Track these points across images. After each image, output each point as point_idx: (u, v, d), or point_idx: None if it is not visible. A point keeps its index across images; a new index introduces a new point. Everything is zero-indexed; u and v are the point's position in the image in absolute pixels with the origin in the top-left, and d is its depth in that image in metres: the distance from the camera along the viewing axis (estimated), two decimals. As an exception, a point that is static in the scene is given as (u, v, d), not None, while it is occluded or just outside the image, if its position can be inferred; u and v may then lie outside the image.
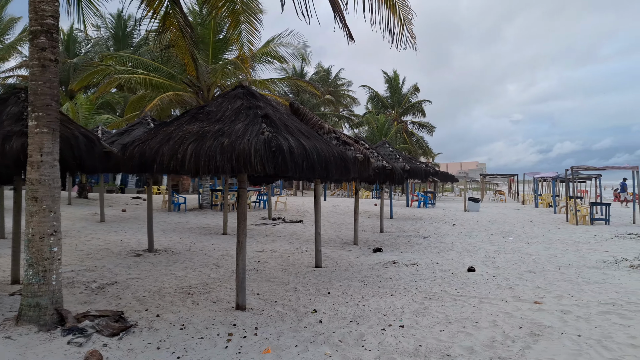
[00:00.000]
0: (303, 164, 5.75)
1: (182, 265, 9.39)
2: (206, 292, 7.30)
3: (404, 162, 14.76)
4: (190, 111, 6.47)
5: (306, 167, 5.82)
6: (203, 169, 5.55)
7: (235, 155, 5.39)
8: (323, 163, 6.18)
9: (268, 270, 9.03)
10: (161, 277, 8.30)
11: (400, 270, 9.08)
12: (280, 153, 5.38)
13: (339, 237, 14.00)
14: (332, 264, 9.79)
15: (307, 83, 22.25)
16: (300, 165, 5.70)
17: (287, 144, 5.50)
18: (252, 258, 10.31)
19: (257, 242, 12.60)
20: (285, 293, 7.30)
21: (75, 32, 30.38)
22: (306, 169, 5.82)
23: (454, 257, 10.61)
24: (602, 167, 17.90)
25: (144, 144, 5.97)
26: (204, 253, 10.83)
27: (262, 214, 18.97)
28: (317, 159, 6.03)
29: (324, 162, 6.20)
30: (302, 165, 5.73)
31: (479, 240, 13.29)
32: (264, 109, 6.02)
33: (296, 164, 5.60)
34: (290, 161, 5.49)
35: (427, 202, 26.33)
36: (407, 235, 14.55)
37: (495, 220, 19.41)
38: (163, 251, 10.92)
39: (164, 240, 12.46)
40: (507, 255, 10.67)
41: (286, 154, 5.42)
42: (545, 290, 7.37)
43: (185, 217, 17.17)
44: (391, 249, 11.96)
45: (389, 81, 45.58)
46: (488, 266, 9.43)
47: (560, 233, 14.77)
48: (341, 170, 6.76)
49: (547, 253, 10.95)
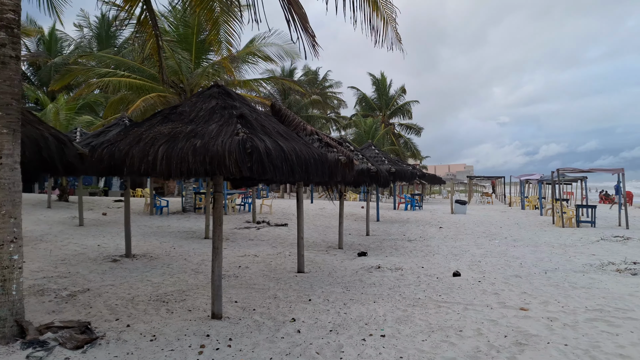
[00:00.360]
0: (282, 166, 5.52)
1: (160, 271, 9.09)
2: (182, 300, 7.02)
3: (389, 165, 14.56)
4: (162, 111, 6.20)
5: (285, 170, 5.58)
6: (175, 172, 5.29)
7: (208, 157, 5.14)
8: (303, 165, 5.95)
9: (248, 276, 8.76)
10: (136, 284, 8.00)
11: (385, 275, 8.87)
12: (257, 155, 5.13)
13: (324, 241, 13.76)
14: (315, 269, 9.55)
15: (292, 82, 22.01)
16: (279, 168, 5.46)
17: (263, 146, 5.25)
18: (233, 263, 10.04)
19: (240, 247, 12.31)
20: (264, 300, 7.04)
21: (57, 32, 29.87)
22: (285, 172, 5.59)
23: (439, 261, 10.42)
24: (588, 169, 17.87)
25: (113, 145, 5.69)
26: (183, 258, 10.53)
27: (247, 217, 18.68)
28: (297, 161, 5.80)
29: (303, 164, 5.97)
30: (280, 167, 5.49)
31: (465, 244, 13.12)
32: (239, 109, 5.77)
33: (274, 166, 5.36)
34: (268, 163, 5.25)
35: (414, 205, 26.20)
36: (393, 239, 14.35)
37: (481, 222, 19.31)
38: (141, 256, 10.60)
39: (143, 245, 12.13)
40: (493, 259, 10.51)
41: (263, 155, 5.18)
42: (531, 295, 7.19)
43: (167, 221, 16.82)
44: (376, 252, 11.75)
45: (376, 83, 45.49)
46: (474, 270, 9.24)
47: (546, 236, 14.67)
48: (322, 172, 6.53)
49: (533, 257, 10.81)
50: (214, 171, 5.17)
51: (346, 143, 12.71)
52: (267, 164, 5.23)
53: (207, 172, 5.21)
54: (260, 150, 5.16)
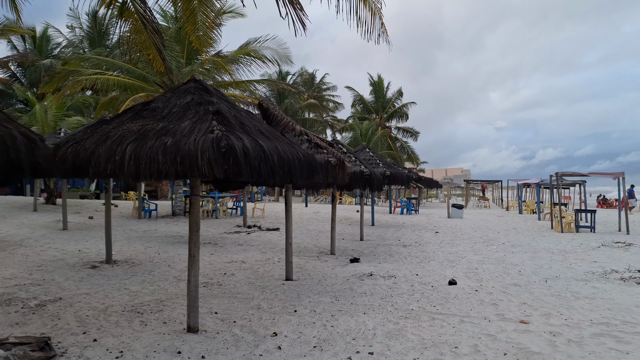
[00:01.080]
0: (261, 168, 5.06)
1: (140, 279, 8.61)
2: (158, 311, 6.55)
3: (384, 168, 14.13)
4: (134, 107, 5.74)
5: (265, 171, 5.13)
6: (144, 173, 4.82)
7: (179, 156, 4.68)
8: (285, 166, 5.50)
9: (233, 284, 8.28)
10: (112, 293, 7.52)
11: (377, 283, 8.41)
12: (232, 154, 4.67)
13: (316, 246, 13.30)
14: (304, 277, 9.09)
15: (286, 84, 21.58)
16: (257, 169, 5.00)
17: (240, 145, 4.79)
18: (219, 270, 9.57)
19: (228, 252, 11.84)
20: (247, 311, 6.57)
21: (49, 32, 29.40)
22: (265, 173, 5.13)
23: (434, 268, 9.97)
24: (587, 173, 17.46)
25: (78, 144, 5.23)
26: (167, 264, 10.05)
27: (238, 221, 18.20)
28: (278, 162, 5.34)
29: (286, 165, 5.51)
30: (259, 168, 5.03)
31: (461, 249, 12.67)
32: (216, 105, 5.32)
33: (252, 167, 4.90)
34: (245, 164, 4.79)
35: (410, 209, 25.75)
36: (387, 244, 13.89)
37: (478, 227, 18.86)
38: (123, 262, 10.11)
39: (127, 250, 11.64)
40: (491, 266, 10.06)
41: (239, 155, 4.72)
42: (531, 307, 6.73)
43: (155, 225, 16.33)
44: (370, 259, 11.29)
45: (374, 85, 45.08)
46: (470, 278, 8.79)
47: (545, 241, 14.23)
48: (307, 174, 6.08)
49: (532, 263, 10.36)
50: (186, 172, 4.71)
51: (338, 145, 12.27)
52: (243, 164, 4.77)
53: (178, 173, 4.75)
54: (237, 149, 4.71)
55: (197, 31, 8.21)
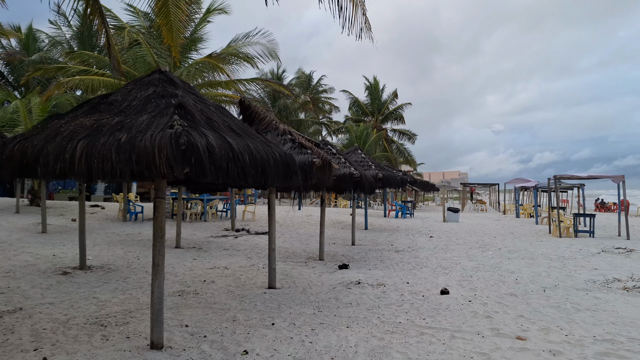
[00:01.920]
0: (229, 168, 4.54)
1: (112, 287, 8.07)
2: (124, 324, 6.01)
3: (376, 170, 13.62)
4: (91, 100, 5.21)
5: (234, 172, 4.61)
6: (97, 173, 4.30)
7: (134, 154, 4.16)
8: (259, 167, 4.98)
9: (210, 293, 7.75)
10: (79, 302, 6.98)
11: (364, 292, 7.88)
12: (194, 153, 4.15)
13: (305, 251, 12.77)
14: (288, 284, 8.56)
15: (278, 84, 21.03)
16: (225, 169, 4.48)
17: (204, 142, 4.28)
18: (199, 277, 9.03)
19: (211, 257, 11.30)
20: (220, 324, 6.04)
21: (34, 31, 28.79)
22: (234, 174, 4.61)
23: (427, 275, 9.45)
24: (586, 175, 16.96)
25: (26, 141, 4.70)
26: (145, 270, 9.51)
27: (227, 224, 17.66)
28: (250, 162, 4.83)
29: (259, 165, 4.99)
30: (227, 168, 4.51)
31: (456, 255, 12.16)
32: (180, 98, 4.80)
33: (218, 167, 4.39)
34: (209, 163, 4.28)
35: (405, 212, 25.22)
36: (379, 249, 13.37)
37: (474, 231, 18.35)
38: (98, 268, 9.57)
39: (105, 255, 11.09)
40: (486, 274, 9.54)
41: (202, 154, 4.20)
42: (529, 320, 6.21)
43: (139, 228, 15.77)
44: (359, 265, 10.76)
45: (369, 87, 44.61)
46: (464, 287, 8.27)
47: (543, 247, 13.73)
48: (284, 175, 5.56)
49: (529, 271, 9.85)
50: (143, 172, 4.19)
51: (327, 146, 11.76)
52: (207, 164, 4.26)
53: (134, 173, 4.23)
54: (199, 147, 4.19)
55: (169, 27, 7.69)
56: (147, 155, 4.11)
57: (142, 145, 4.13)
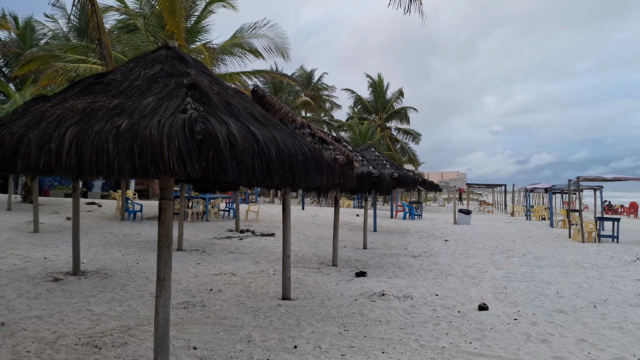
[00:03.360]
0: (254, 164, 3.67)
1: (109, 296, 7.20)
2: (122, 345, 5.15)
3: (391, 169, 12.77)
4: (84, 80, 4.32)
5: (258, 169, 3.73)
6: (89, 168, 3.41)
7: (137, 145, 3.28)
8: (286, 163, 4.10)
9: (219, 305, 6.88)
10: (70, 316, 6.11)
11: (392, 306, 7.02)
12: (212, 144, 3.28)
13: (316, 255, 11.91)
14: (304, 295, 7.70)
15: (282, 75, 20.12)
16: (249, 166, 3.61)
17: (224, 130, 3.40)
18: (205, 285, 8.17)
19: (217, 261, 10.43)
20: (233, 346, 5.18)
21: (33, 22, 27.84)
22: (258, 172, 3.74)
23: (455, 285, 8.60)
24: (611, 177, 16.12)
25: (3, 127, 3.82)
26: (145, 276, 8.64)
27: (230, 225, 16.78)
28: (277, 157, 3.95)
29: (287, 161, 4.11)
30: (251, 165, 3.64)
31: (479, 262, 11.30)
32: (192, 78, 3.92)
33: (240, 163, 3.51)
34: (230, 158, 3.40)
35: (413, 214, 24.35)
36: (394, 254, 12.51)
37: (490, 235, 17.49)
38: (93, 274, 8.69)
39: (102, 258, 10.22)
40: (521, 284, 8.68)
41: (222, 145, 3.32)
42: (594, 345, 5.35)
43: (138, 228, 14.88)
44: (377, 272, 9.91)
45: (373, 85, 43.68)
46: (502, 301, 7.41)
47: (570, 253, 12.87)
48: (314, 174, 4.69)
49: (567, 281, 8.99)
50: (147, 168, 3.31)
51: (343, 142, 10.89)
52: (227, 159, 3.37)
53: (136, 169, 3.34)
54: (219, 136, 3.31)
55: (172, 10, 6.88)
56: (154, 146, 3.23)
57: (147, 134, 3.26)
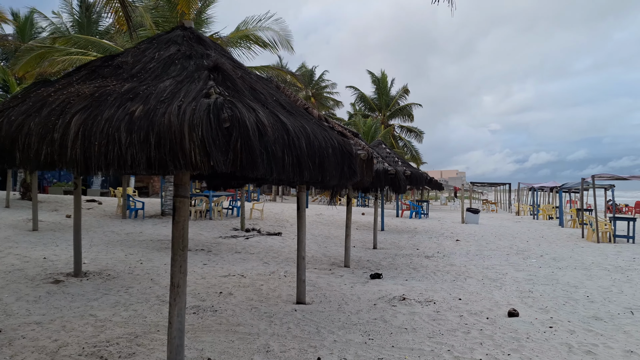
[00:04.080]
0: (284, 157, 3.24)
1: (113, 300, 6.76)
2: (130, 355, 4.72)
3: (404, 166, 12.34)
4: (91, 63, 3.87)
5: (289, 163, 3.30)
6: (97, 161, 2.98)
7: (154, 135, 2.85)
8: (316, 157, 3.68)
9: (231, 310, 6.45)
10: (72, 322, 5.68)
11: (414, 311, 6.59)
12: (241, 133, 2.84)
13: (325, 256, 11.48)
14: (319, 298, 7.27)
15: (286, 72, 19.71)
16: (279, 159, 3.18)
17: (253, 118, 2.97)
18: (213, 287, 7.73)
19: (224, 262, 9.99)
20: (250, 357, 4.76)
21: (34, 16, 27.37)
22: (288, 166, 3.31)
23: (476, 288, 8.17)
24: (628, 176, 15.70)
25: (0, 114, 3.38)
26: (150, 278, 8.21)
27: (235, 223, 16.34)
28: (308, 150, 3.52)
29: (317, 155, 3.69)
30: (281, 158, 3.21)
31: (496, 263, 10.87)
32: (214, 59, 3.48)
33: (271, 155, 3.08)
34: (261, 149, 2.97)
35: (420, 212, 23.91)
36: (406, 254, 12.08)
37: (501, 235, 17.05)
38: (95, 275, 8.26)
39: (104, 258, 9.77)
40: (546, 288, 8.26)
41: (251, 135, 2.89)
42: (643, 357, 4.93)
43: (140, 226, 14.44)
44: (392, 273, 9.48)
45: (376, 82, 43.19)
46: (531, 306, 6.98)
47: (588, 254, 12.43)
48: (345, 170, 4.26)
49: (594, 285, 8.56)
50: (165, 161, 2.87)
51: (357, 137, 10.43)
52: (258, 150, 2.94)
53: (152, 162, 2.91)
54: (248, 124, 2.88)
55: None
56: (173, 135, 2.80)
57: (165, 122, 2.82)
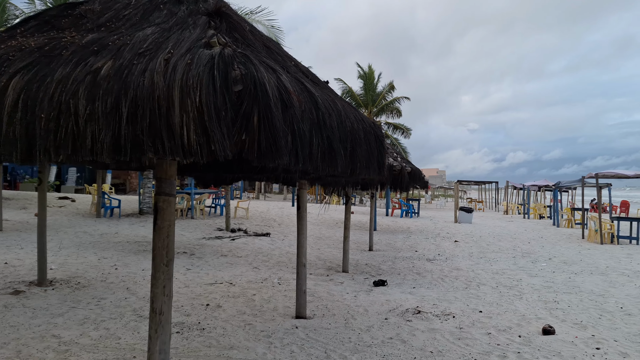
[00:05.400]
0: (313, 140, 2.31)
1: (81, 315, 5.75)
2: (98, 393, 3.74)
3: (403, 162, 11.50)
4: (44, 12, 2.85)
5: (318, 148, 2.38)
6: (44, 143, 2.02)
7: (127, 102, 1.89)
8: (348, 142, 2.77)
9: (221, 327, 5.49)
10: (30, 346, 4.67)
11: (434, 328, 5.72)
12: (259, 102, 1.90)
13: (320, 259, 10.58)
14: (320, 311, 6.37)
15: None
16: (307, 143, 2.25)
17: (274, 81, 2.03)
18: (199, 298, 6.77)
19: (209, 267, 9.01)
20: (251, 394, 3.81)
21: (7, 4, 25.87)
22: (317, 153, 2.38)
23: (494, 297, 7.35)
24: (632, 173, 15.06)
25: None
26: (125, 287, 7.20)
27: (219, 223, 15.32)
28: (339, 132, 2.61)
29: (349, 139, 2.78)
30: (310, 142, 2.28)
31: (505, 267, 10.09)
32: (214, 2, 2.53)
33: (298, 136, 2.15)
34: (284, 128, 2.03)
35: (411, 211, 23.15)
36: (406, 257, 11.25)
37: (499, 235, 16.34)
38: (63, 283, 7.21)
39: (73, 263, 8.71)
40: (571, 297, 7.47)
41: (273, 105, 1.95)
42: None
43: (116, 226, 13.33)
44: (396, 279, 8.62)
45: (363, 77, 42.31)
46: (563, 320, 6.17)
47: (597, 257, 11.73)
48: (376, 161, 3.37)
49: (621, 293, 7.80)
50: (141, 144, 1.92)
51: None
52: (282, 130, 2.00)
53: (120, 145, 1.95)
54: (269, 90, 1.94)
55: None
56: (157, 103, 1.85)
57: (145, 83, 1.87)
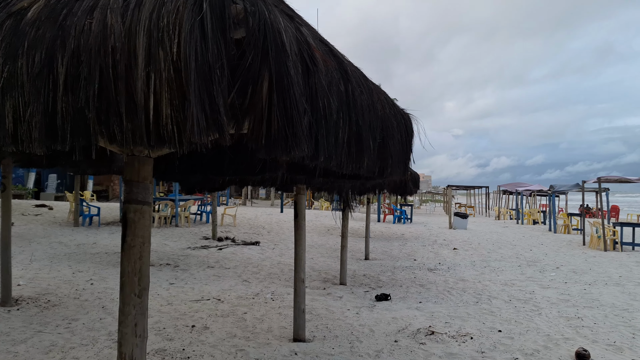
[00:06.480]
0: (339, 126, 1.61)
1: (48, 341, 4.97)
2: None
3: (401, 166, 10.90)
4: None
5: (343, 137, 1.67)
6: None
7: (64, 55, 1.18)
8: (377, 131, 2.06)
9: (209, 354, 4.76)
10: (-21, 385, 3.90)
11: (452, 352, 5.05)
12: (269, 55, 1.19)
13: (314, 270, 9.88)
14: (321, 332, 5.66)
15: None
16: (334, 128, 1.55)
17: (292, 31, 1.33)
18: (184, 317, 6.02)
19: (195, 280, 8.26)
20: None
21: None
22: (342, 143, 1.68)
23: (510, 314, 6.70)
24: (637, 178, 14.62)
25: None
26: (101, 305, 6.43)
27: (204, 231, 14.53)
28: (370, 117, 1.91)
29: (378, 129, 2.08)
30: (336, 127, 1.57)
31: (513, 278, 9.48)
32: None
33: (322, 118, 1.44)
34: (305, 105, 1.32)
35: (404, 217, 22.53)
36: (405, 266, 10.59)
37: (498, 242, 15.74)
38: (30, 302, 6.42)
39: (45, 277, 7.90)
40: (594, 312, 6.84)
41: (291, 65, 1.24)
42: None
43: (95, 236, 12.47)
44: (399, 292, 7.95)
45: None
46: (594, 341, 5.53)
47: (606, 265, 11.16)
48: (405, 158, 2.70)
49: (642, 306, 7.23)
50: (85, 123, 1.22)
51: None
52: (302, 106, 1.30)
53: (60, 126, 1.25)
54: (285, 40, 1.24)
55: None
56: (113, 58, 1.14)
57: (93, 28, 1.16)
